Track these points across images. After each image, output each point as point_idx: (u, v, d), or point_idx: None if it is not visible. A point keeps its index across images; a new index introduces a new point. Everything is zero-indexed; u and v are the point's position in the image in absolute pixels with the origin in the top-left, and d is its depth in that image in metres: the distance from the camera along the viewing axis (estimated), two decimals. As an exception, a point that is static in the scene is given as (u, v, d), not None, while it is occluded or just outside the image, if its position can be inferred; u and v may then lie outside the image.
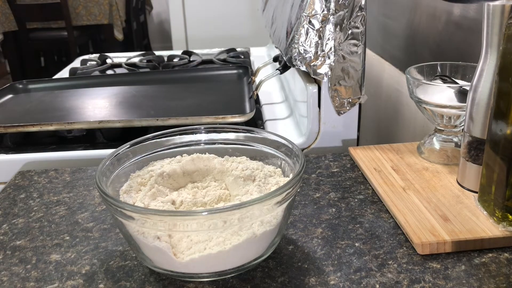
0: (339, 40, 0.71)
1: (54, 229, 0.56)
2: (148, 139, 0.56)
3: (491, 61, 0.52)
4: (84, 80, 1.10)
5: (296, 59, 0.73)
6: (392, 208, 0.55)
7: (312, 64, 0.72)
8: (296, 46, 0.72)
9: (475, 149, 0.56)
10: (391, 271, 0.47)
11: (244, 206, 0.43)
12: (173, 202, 0.50)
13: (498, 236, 0.49)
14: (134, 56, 1.37)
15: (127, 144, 0.55)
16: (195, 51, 1.42)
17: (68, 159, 0.79)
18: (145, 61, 1.31)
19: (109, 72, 1.27)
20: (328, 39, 0.71)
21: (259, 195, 0.47)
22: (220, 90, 1.01)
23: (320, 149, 0.79)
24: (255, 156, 0.57)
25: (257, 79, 1.01)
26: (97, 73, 1.24)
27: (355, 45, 0.71)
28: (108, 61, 1.36)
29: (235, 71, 1.10)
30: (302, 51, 0.72)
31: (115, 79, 1.10)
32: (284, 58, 0.80)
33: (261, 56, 1.39)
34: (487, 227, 0.50)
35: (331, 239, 0.52)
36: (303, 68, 0.73)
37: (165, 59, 1.34)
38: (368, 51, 1.07)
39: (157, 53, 1.41)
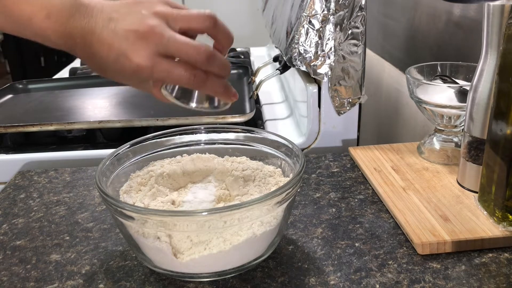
0: (339, 40, 0.71)
1: (54, 229, 0.56)
2: (148, 139, 0.56)
3: (491, 61, 0.52)
4: (84, 80, 1.10)
5: (296, 59, 0.73)
6: (392, 208, 0.55)
7: (312, 64, 0.72)
8: (296, 46, 0.72)
9: (475, 149, 0.56)
10: (391, 271, 0.47)
11: (244, 206, 0.43)
12: (173, 202, 0.50)
13: (498, 236, 0.49)
14: (134, 56, 1.37)
15: (127, 144, 0.55)
16: (195, 51, 1.41)
17: (68, 159, 0.79)
18: (145, 61, 1.30)
19: (109, 72, 1.27)
20: (328, 39, 0.71)
21: (259, 195, 0.47)
22: (220, 90, 1.00)
23: (320, 149, 0.79)
24: (255, 156, 0.57)
25: (257, 79, 1.01)
26: (97, 73, 1.24)
27: (355, 45, 0.71)
28: (108, 61, 1.35)
29: (235, 71, 1.10)
30: (302, 51, 0.72)
31: (115, 79, 1.10)
32: (284, 58, 0.80)
33: (261, 56, 1.39)
34: (487, 227, 0.50)
35: (331, 239, 0.52)
36: (303, 68, 0.73)
37: (165, 59, 1.34)
38: (368, 51, 1.07)
39: (157, 53, 1.40)
